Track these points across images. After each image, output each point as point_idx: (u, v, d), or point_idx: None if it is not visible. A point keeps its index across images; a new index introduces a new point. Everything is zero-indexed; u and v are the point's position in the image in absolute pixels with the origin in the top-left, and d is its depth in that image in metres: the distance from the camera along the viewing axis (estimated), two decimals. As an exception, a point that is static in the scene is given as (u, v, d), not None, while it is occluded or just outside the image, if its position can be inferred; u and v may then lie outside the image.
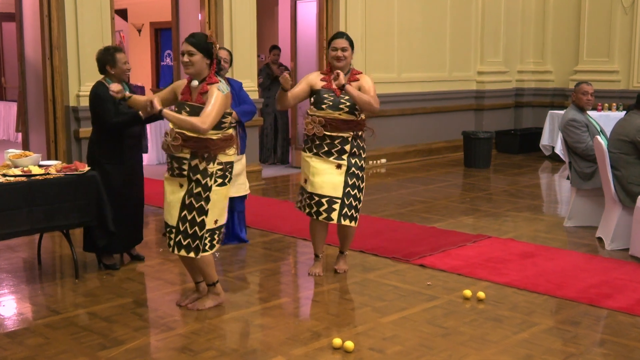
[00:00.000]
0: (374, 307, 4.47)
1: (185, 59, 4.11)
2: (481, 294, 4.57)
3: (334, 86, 4.79)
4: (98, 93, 5.09)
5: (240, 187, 5.74)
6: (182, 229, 4.17)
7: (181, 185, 4.18)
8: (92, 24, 7.03)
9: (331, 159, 4.83)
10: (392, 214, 7.07)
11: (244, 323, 4.25)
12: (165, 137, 4.14)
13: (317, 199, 4.83)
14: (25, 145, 7.76)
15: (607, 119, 9.53)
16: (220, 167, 4.19)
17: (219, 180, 4.20)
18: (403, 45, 10.38)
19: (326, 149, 4.83)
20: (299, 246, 6.04)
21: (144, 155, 5.62)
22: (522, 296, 4.66)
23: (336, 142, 4.82)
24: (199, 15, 8.21)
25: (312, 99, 4.90)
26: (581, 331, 4.08)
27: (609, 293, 4.67)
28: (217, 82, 4.15)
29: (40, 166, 4.97)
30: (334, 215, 4.83)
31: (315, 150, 4.86)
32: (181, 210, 4.17)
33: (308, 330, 4.08)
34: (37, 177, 4.76)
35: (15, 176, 4.72)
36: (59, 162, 5.25)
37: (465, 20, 11.27)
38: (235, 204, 5.82)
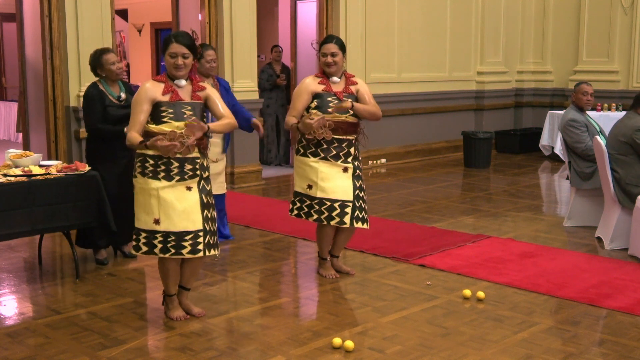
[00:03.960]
0: (374, 307, 4.47)
1: (180, 61, 4.00)
2: (481, 294, 4.57)
3: (334, 90, 4.79)
4: (87, 94, 5.20)
5: (220, 185, 5.82)
6: (208, 228, 4.12)
7: (189, 188, 4.05)
8: (92, 24, 7.03)
9: (339, 162, 4.79)
10: (392, 214, 7.07)
11: (244, 323, 4.25)
12: (182, 140, 3.92)
13: (328, 203, 4.76)
14: (26, 145, 7.77)
15: (606, 119, 9.52)
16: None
17: None
18: (403, 45, 10.38)
19: (334, 152, 4.77)
20: (299, 246, 6.04)
21: None
22: (522, 296, 4.66)
23: (344, 145, 4.79)
24: (199, 15, 8.22)
25: (313, 103, 4.79)
26: (581, 331, 4.08)
27: (609, 293, 4.67)
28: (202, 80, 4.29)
29: (40, 166, 4.96)
30: (347, 219, 4.79)
31: (322, 155, 4.76)
32: (202, 211, 4.08)
33: (308, 330, 4.08)
34: (38, 177, 4.76)
35: (15, 176, 4.72)
36: (60, 162, 5.24)
37: (465, 20, 11.27)
38: (216, 202, 5.85)
